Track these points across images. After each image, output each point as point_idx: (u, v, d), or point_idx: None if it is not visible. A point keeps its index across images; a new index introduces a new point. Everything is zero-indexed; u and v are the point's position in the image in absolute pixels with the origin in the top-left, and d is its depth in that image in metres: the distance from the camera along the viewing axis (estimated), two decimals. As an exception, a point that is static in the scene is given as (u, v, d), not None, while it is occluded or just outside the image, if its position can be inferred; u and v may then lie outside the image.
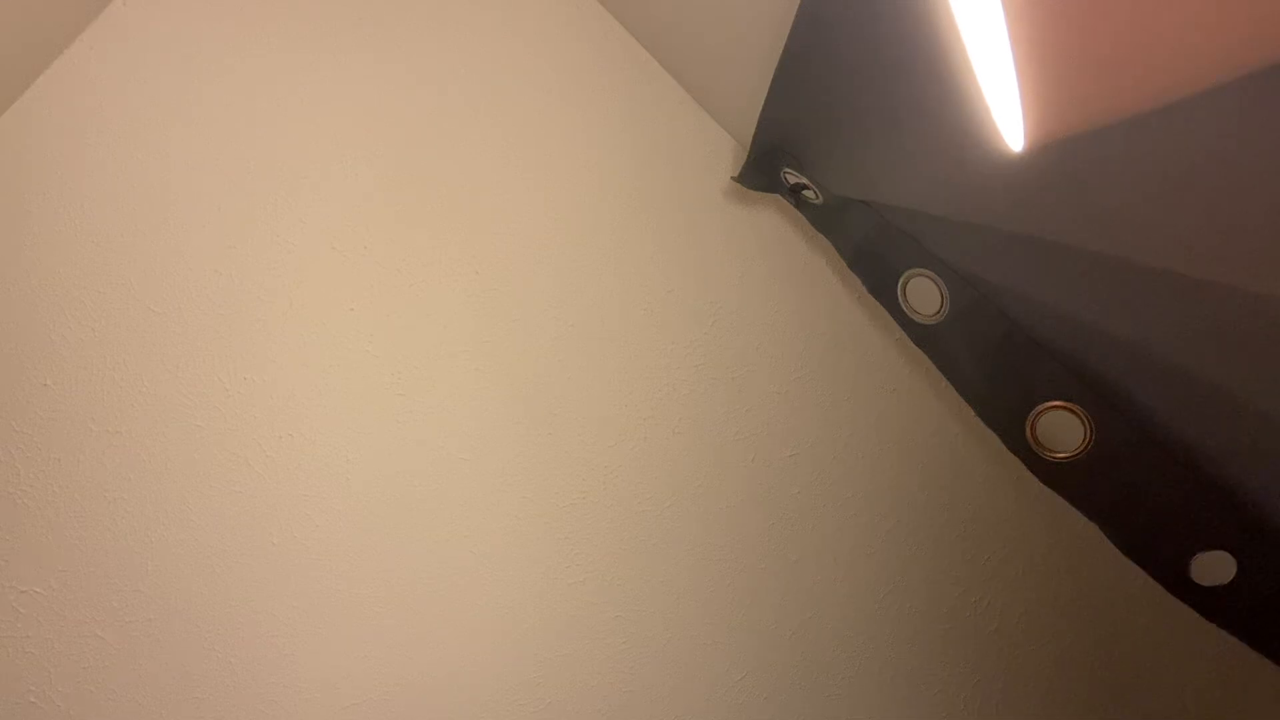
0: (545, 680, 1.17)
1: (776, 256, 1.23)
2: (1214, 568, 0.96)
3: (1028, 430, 1.03)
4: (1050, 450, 1.02)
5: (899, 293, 1.10)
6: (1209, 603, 0.97)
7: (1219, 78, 0.42)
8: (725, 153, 1.24)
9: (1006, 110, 0.50)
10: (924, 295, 1.08)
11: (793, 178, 1.14)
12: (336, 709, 1.13)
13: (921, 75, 0.76)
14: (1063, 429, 1.00)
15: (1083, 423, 0.98)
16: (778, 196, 1.21)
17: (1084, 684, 1.23)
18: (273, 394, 1.14)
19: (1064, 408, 1.00)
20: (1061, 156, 0.71)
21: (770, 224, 1.24)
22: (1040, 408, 1.01)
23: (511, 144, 1.21)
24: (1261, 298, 0.72)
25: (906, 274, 1.08)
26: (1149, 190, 0.73)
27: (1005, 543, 1.23)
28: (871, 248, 1.11)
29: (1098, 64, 0.42)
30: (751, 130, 1.11)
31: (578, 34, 1.23)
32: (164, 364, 1.12)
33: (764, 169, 1.16)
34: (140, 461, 1.11)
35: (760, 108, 1.06)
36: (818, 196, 1.13)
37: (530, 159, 1.22)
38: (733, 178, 1.20)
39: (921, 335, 1.12)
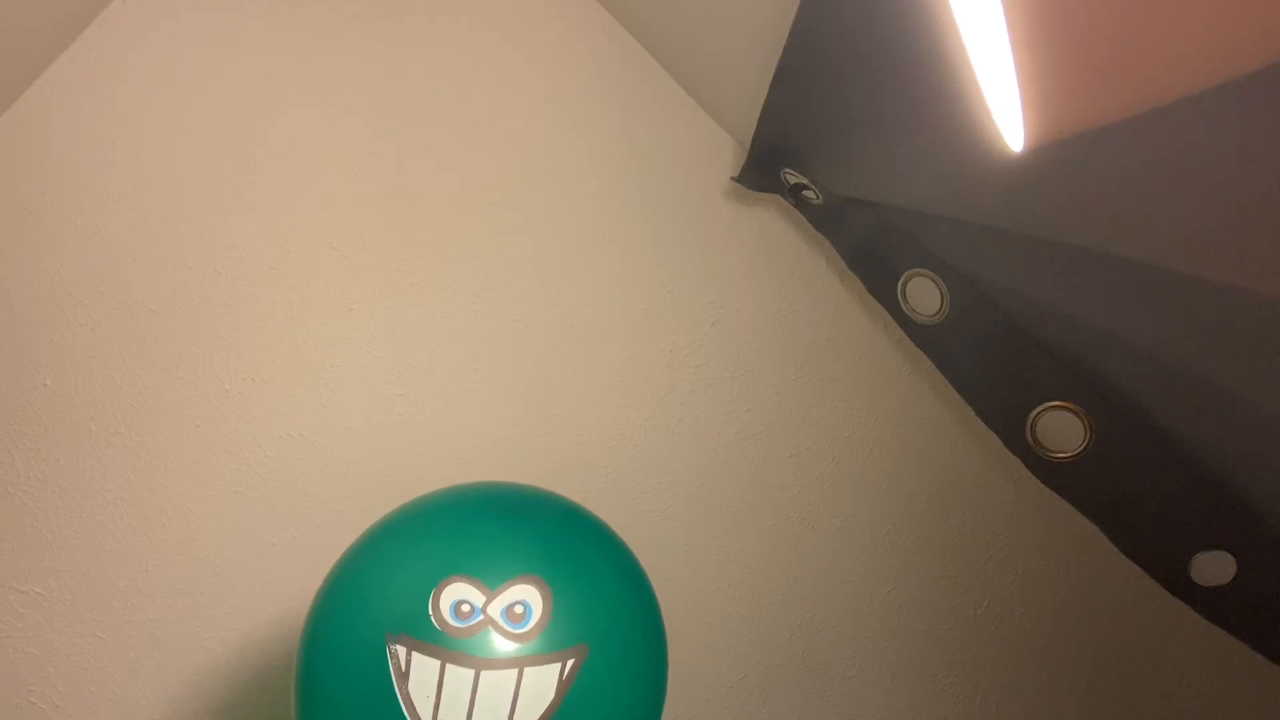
0: (545, 680, 1.17)
1: (776, 256, 1.23)
2: (1214, 568, 0.96)
3: (1028, 430, 1.03)
4: (1050, 450, 1.03)
5: (899, 293, 1.10)
6: (1209, 603, 0.97)
7: (1219, 78, 0.42)
8: (725, 153, 1.24)
9: (1006, 110, 0.50)
10: (924, 295, 1.08)
11: (793, 178, 1.14)
12: (336, 709, 1.13)
13: (921, 75, 0.76)
14: (1063, 429, 1.00)
15: (1083, 423, 0.98)
16: (778, 196, 1.21)
17: (1084, 684, 1.23)
18: (273, 394, 1.14)
19: (1064, 408, 1.00)
20: (1061, 156, 0.71)
21: (770, 224, 1.24)
22: (1040, 408, 1.01)
23: (511, 144, 1.21)
24: (1262, 296, 0.72)
25: (906, 274, 1.08)
26: (1148, 189, 0.73)
27: (1005, 543, 1.23)
28: (871, 248, 1.11)
29: (1098, 64, 0.43)
30: (751, 130, 1.11)
31: (578, 34, 1.23)
32: (165, 364, 1.12)
33: (764, 169, 1.16)
34: (140, 461, 1.11)
35: (760, 108, 1.06)
36: (818, 196, 1.13)
37: (530, 159, 1.22)
38: (733, 178, 1.20)
39: (921, 335, 1.12)
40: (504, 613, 0.59)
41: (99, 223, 1.13)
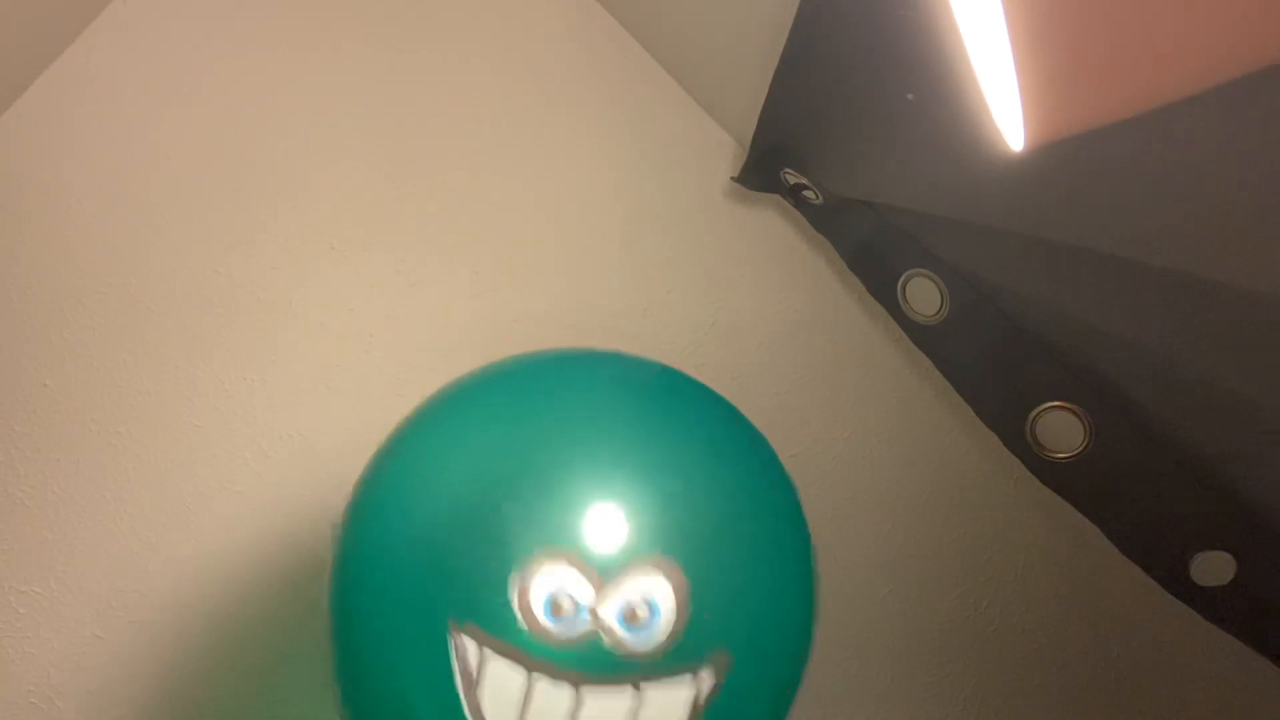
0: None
1: (776, 256, 1.23)
2: (1214, 568, 0.96)
3: (1028, 430, 1.03)
4: (1050, 450, 1.02)
5: (899, 293, 1.10)
6: (1209, 603, 0.97)
7: (1219, 78, 0.42)
8: (725, 153, 1.24)
9: (1006, 110, 0.50)
10: (924, 295, 1.08)
11: (793, 178, 1.14)
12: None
13: (921, 75, 0.76)
14: (1063, 429, 1.00)
15: (1083, 423, 0.98)
16: (778, 196, 1.21)
17: (1083, 684, 1.23)
18: (273, 394, 1.14)
19: (1064, 408, 1.00)
20: (1061, 156, 0.71)
21: (770, 224, 1.24)
22: (1040, 408, 1.01)
23: (511, 144, 1.21)
24: (1262, 296, 0.72)
25: (906, 274, 1.08)
26: (1149, 190, 0.73)
27: (1004, 543, 1.23)
28: (871, 248, 1.11)
29: (1098, 64, 0.43)
30: (751, 130, 1.11)
31: (578, 34, 1.23)
32: (164, 364, 1.12)
33: (764, 169, 1.16)
34: (140, 461, 1.11)
35: (760, 108, 1.06)
36: (818, 196, 1.13)
37: (530, 159, 1.21)
38: (733, 178, 1.20)
39: (921, 335, 1.12)
40: (621, 614, 0.40)
41: (99, 222, 1.13)
